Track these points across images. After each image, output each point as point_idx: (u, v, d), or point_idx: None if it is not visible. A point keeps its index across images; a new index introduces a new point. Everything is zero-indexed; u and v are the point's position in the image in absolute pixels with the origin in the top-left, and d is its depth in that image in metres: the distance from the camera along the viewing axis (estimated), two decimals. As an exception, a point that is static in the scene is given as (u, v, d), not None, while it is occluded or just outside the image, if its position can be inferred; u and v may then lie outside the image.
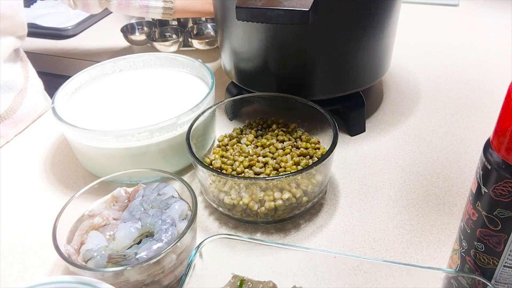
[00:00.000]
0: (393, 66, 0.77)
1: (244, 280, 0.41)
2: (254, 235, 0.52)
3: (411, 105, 0.71)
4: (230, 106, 0.63)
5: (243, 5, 0.50)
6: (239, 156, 0.55)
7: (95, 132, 0.55)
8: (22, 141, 0.70)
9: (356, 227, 0.52)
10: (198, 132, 0.56)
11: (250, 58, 0.62)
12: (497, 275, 0.36)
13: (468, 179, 0.57)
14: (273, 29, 0.56)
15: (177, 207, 0.46)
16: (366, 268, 0.40)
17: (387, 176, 0.58)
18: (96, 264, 0.41)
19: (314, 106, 0.57)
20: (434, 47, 0.88)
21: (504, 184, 0.32)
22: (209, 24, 0.91)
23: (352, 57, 0.59)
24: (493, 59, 0.82)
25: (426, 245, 0.49)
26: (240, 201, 0.49)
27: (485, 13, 1.00)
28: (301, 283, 0.41)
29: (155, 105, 0.63)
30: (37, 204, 0.58)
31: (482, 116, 0.68)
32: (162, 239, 0.42)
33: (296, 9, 0.48)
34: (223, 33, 0.64)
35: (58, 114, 0.57)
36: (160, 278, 0.43)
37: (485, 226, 0.35)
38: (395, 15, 0.61)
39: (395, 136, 0.65)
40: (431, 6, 1.05)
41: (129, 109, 0.62)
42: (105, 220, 0.46)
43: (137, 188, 0.50)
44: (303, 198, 0.50)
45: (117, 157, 0.56)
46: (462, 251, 0.38)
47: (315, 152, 0.55)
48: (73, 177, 0.61)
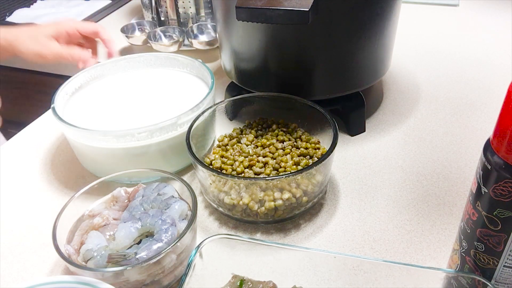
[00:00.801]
0: (393, 66, 0.77)
1: (244, 280, 0.41)
2: (254, 235, 0.52)
3: (411, 105, 0.71)
4: (230, 106, 0.63)
5: (243, 5, 0.50)
6: (239, 156, 0.55)
7: (95, 132, 0.55)
8: (22, 141, 0.70)
9: (356, 227, 0.52)
10: (198, 132, 0.56)
11: (250, 58, 0.62)
12: (497, 275, 0.36)
13: (468, 179, 0.57)
14: (273, 29, 0.56)
15: (177, 207, 0.46)
16: (366, 268, 0.41)
17: (387, 176, 0.58)
18: (96, 264, 0.41)
19: (314, 106, 0.57)
20: (434, 47, 0.88)
21: (504, 184, 0.32)
22: (209, 24, 0.91)
23: (352, 57, 0.59)
24: (493, 59, 0.82)
25: (426, 245, 0.49)
26: (240, 201, 0.49)
27: (485, 13, 1.00)
28: (301, 283, 0.41)
29: (155, 105, 0.63)
30: (37, 204, 0.58)
31: (482, 116, 0.68)
32: (162, 239, 0.42)
33: (296, 9, 0.48)
34: (223, 33, 0.64)
35: (58, 114, 0.57)
36: (160, 278, 0.43)
37: (485, 226, 0.35)
38: (395, 15, 0.61)
39: (395, 136, 0.65)
40: (431, 6, 1.04)
41: (129, 109, 0.62)
42: (105, 220, 0.46)
43: (137, 188, 0.50)
44: (303, 198, 0.50)
45: (117, 157, 0.56)
46: (462, 251, 0.38)
47: (315, 152, 0.55)
48: (73, 177, 0.61)
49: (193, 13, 0.91)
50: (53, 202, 0.57)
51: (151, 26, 0.94)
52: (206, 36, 0.90)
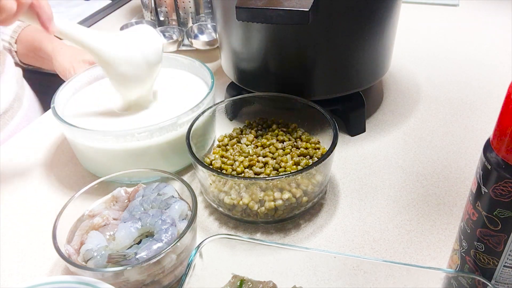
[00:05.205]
0: (393, 66, 0.77)
1: (244, 280, 0.41)
2: (254, 235, 0.52)
3: (411, 105, 0.71)
4: (230, 106, 0.63)
5: (243, 5, 0.50)
6: (239, 156, 0.55)
7: (95, 132, 0.55)
8: (22, 141, 0.70)
9: (356, 227, 0.52)
10: (198, 132, 0.56)
11: (250, 58, 0.62)
12: (497, 275, 0.36)
13: (468, 179, 0.57)
14: (273, 29, 0.56)
15: (177, 207, 0.46)
16: (366, 268, 0.41)
17: (387, 176, 0.58)
18: (96, 264, 0.41)
19: (314, 106, 0.57)
20: (434, 47, 0.88)
21: (504, 184, 0.32)
22: (209, 24, 0.91)
23: (352, 57, 0.59)
24: (493, 59, 0.82)
25: (426, 245, 0.49)
26: (240, 201, 0.49)
27: (485, 13, 1.00)
28: (301, 283, 0.41)
29: (155, 105, 0.63)
30: (37, 204, 0.58)
31: (482, 116, 0.68)
32: (162, 239, 0.42)
33: (296, 9, 0.48)
34: (223, 33, 0.64)
35: (58, 114, 0.57)
36: (160, 278, 0.43)
37: (485, 226, 0.35)
38: (395, 15, 0.61)
39: (395, 136, 0.65)
40: (431, 6, 1.04)
41: (129, 109, 0.62)
42: (105, 220, 0.46)
43: (137, 188, 0.50)
44: (303, 198, 0.50)
45: (117, 157, 0.56)
46: (462, 251, 0.38)
47: (315, 152, 0.55)
48: (73, 177, 0.61)
49: (193, 13, 0.91)
50: (53, 202, 0.57)
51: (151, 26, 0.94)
52: (206, 36, 0.90)
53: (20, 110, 0.80)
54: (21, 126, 0.77)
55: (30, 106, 0.84)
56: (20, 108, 0.80)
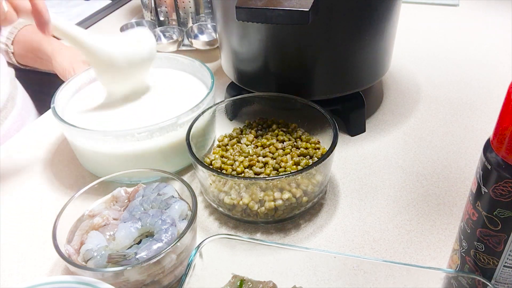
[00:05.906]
0: (393, 66, 0.77)
1: (244, 280, 0.41)
2: (254, 235, 0.52)
3: (411, 105, 0.71)
4: (230, 106, 0.63)
5: (243, 5, 0.49)
6: (239, 156, 0.55)
7: (95, 132, 0.55)
8: (22, 141, 0.70)
9: (356, 227, 0.52)
10: (198, 132, 0.56)
11: (250, 58, 0.62)
12: (497, 275, 0.36)
13: (468, 179, 0.57)
14: (273, 29, 0.56)
15: (177, 207, 0.46)
16: (366, 268, 0.41)
17: (387, 176, 0.58)
18: (96, 264, 0.41)
19: (314, 106, 0.57)
20: (434, 47, 0.88)
21: (504, 184, 0.32)
22: (209, 24, 0.91)
23: (352, 57, 0.59)
24: (493, 59, 0.82)
25: (426, 245, 0.49)
26: (240, 201, 0.49)
27: (485, 13, 1.00)
28: (301, 283, 0.41)
29: (155, 105, 0.63)
30: (37, 204, 0.58)
31: (482, 116, 0.68)
32: (162, 239, 0.42)
33: (296, 9, 0.48)
34: (223, 33, 0.64)
35: (58, 114, 0.57)
36: (160, 278, 0.43)
37: (485, 226, 0.35)
38: (395, 15, 0.61)
39: (395, 136, 0.65)
40: (431, 6, 1.04)
41: (129, 109, 0.62)
42: (105, 220, 0.46)
43: (137, 188, 0.50)
44: (303, 198, 0.50)
45: (117, 157, 0.56)
46: (462, 251, 0.38)
47: (315, 152, 0.55)
48: (73, 177, 0.61)
49: (193, 13, 0.91)
50: (53, 202, 0.57)
51: (151, 26, 0.94)
52: (206, 36, 0.90)
53: (14, 110, 0.80)
54: (15, 125, 0.77)
55: (24, 105, 0.84)
56: (13, 107, 0.80)
